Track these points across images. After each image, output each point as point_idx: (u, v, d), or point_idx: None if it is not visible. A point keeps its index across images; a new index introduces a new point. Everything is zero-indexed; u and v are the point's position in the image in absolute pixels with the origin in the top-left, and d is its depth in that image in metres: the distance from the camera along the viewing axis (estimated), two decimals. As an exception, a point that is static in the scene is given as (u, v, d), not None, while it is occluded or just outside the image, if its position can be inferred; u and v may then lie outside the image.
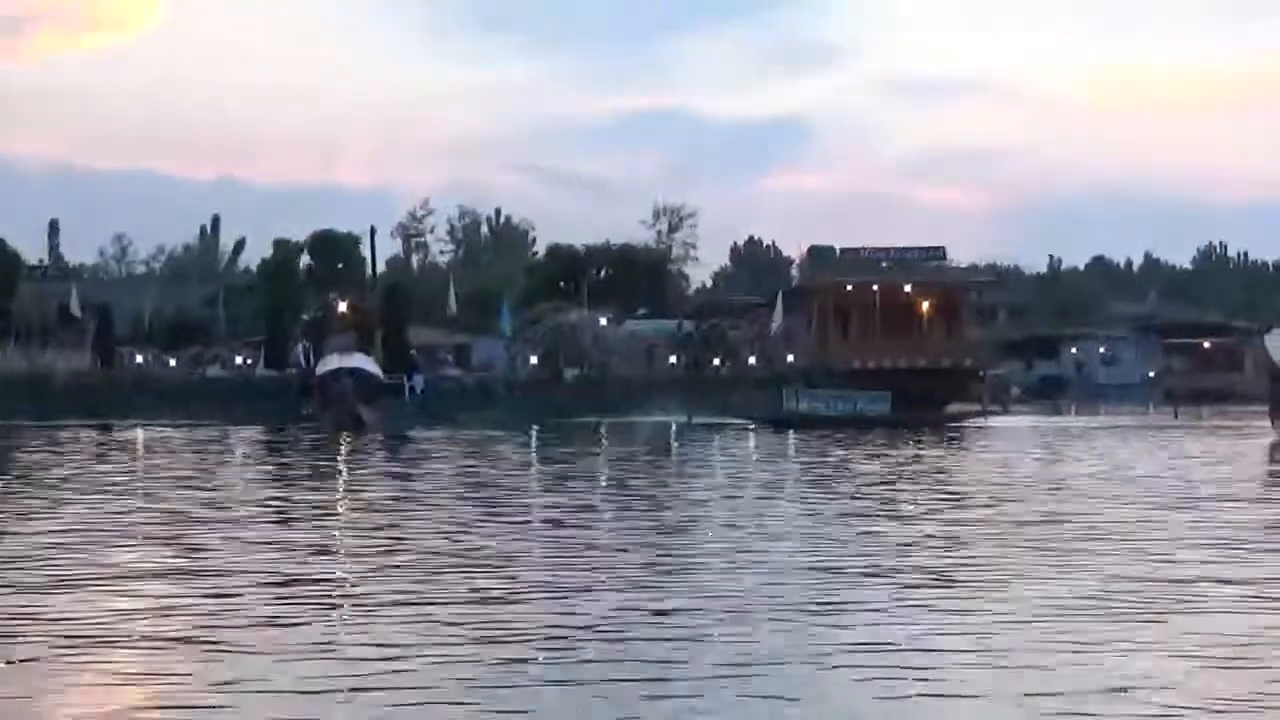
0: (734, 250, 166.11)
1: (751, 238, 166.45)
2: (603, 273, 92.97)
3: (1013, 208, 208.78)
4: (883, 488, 26.52)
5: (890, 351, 74.24)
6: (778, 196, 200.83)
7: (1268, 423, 41.61)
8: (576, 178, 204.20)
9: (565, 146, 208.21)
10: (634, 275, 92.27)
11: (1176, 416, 70.10)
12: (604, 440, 48.12)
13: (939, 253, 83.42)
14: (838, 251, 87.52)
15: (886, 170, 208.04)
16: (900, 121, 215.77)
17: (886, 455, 37.40)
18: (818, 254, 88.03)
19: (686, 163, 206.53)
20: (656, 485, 27.41)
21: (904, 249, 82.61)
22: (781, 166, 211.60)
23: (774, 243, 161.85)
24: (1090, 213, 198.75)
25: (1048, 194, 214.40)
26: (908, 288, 77.23)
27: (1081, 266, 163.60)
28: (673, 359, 76.35)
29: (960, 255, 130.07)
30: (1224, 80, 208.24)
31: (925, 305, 77.33)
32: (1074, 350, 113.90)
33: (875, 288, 76.47)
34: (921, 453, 38.72)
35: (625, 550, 16.80)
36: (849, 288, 77.06)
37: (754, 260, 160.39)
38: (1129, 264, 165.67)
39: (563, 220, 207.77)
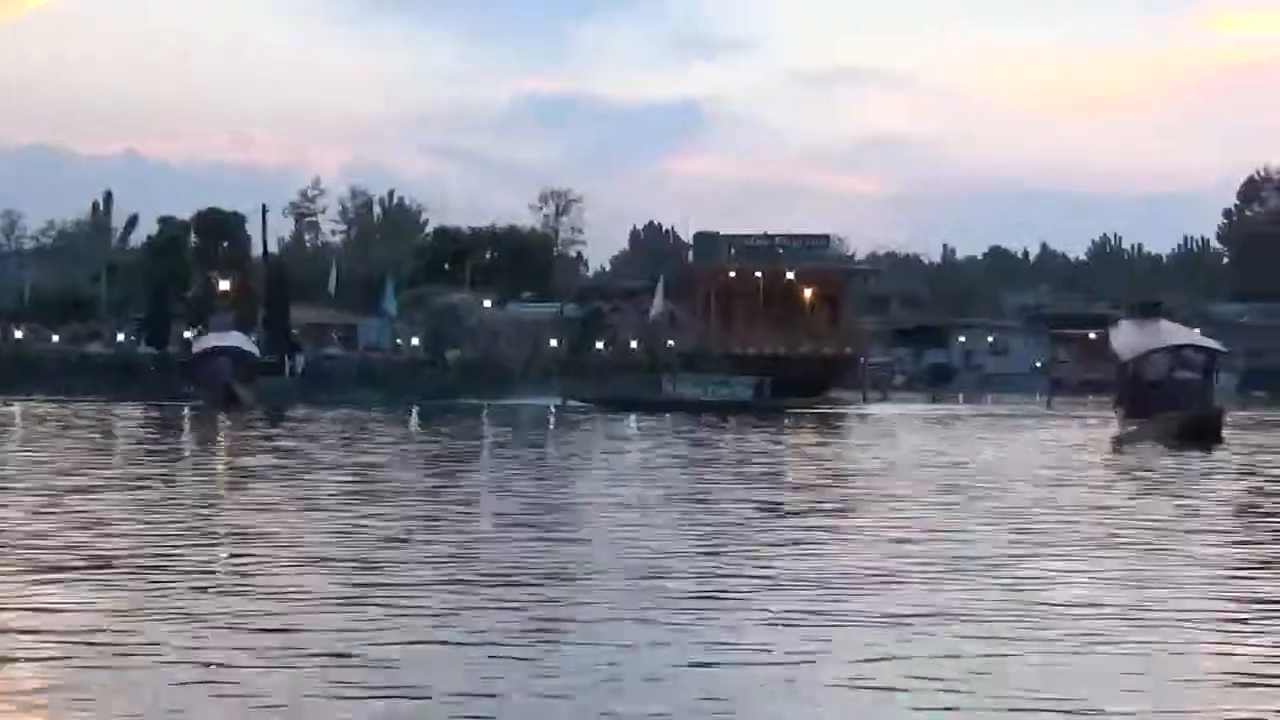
0: (634, 235, 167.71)
1: (651, 222, 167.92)
2: (489, 255, 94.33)
3: (912, 197, 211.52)
4: (678, 474, 27.85)
5: (772, 338, 76.00)
6: (679, 182, 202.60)
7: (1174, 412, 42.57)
8: (480, 160, 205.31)
9: (469, 129, 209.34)
10: (520, 258, 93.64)
11: (1050, 406, 71.96)
12: (484, 422, 49.51)
13: (823, 241, 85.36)
14: (722, 237, 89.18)
15: (788, 158, 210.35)
16: (802, 109, 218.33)
17: (714, 441, 38.99)
18: (703, 240, 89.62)
19: (589, 147, 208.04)
20: (482, 470, 28.69)
21: (789, 236, 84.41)
22: (683, 152, 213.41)
23: (672, 228, 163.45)
24: (989, 203, 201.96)
25: (948, 184, 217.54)
26: (790, 275, 79.01)
27: (979, 256, 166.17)
28: (554, 342, 77.72)
29: (859, 244, 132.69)
30: (1122, 74, 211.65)
31: (808, 292, 79.16)
32: (962, 340, 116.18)
33: (758, 274, 78.22)
34: (756, 438, 40.00)
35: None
36: (732, 274, 78.79)
37: (653, 245, 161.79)
38: (1025, 254, 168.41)
39: (465, 203, 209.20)
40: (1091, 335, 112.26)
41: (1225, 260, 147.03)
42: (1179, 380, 42.07)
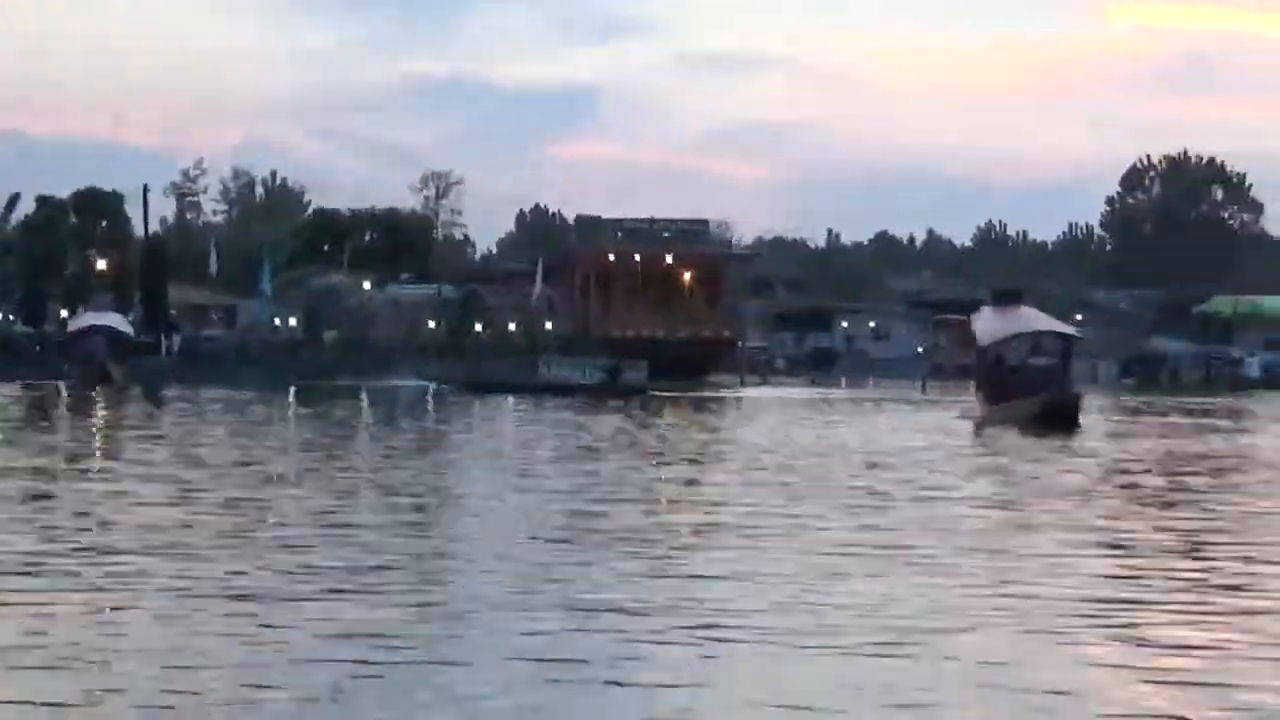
0: (520, 217, 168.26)
1: (537, 205, 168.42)
2: (368, 237, 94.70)
3: (800, 182, 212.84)
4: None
5: (651, 321, 76.89)
6: (567, 165, 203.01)
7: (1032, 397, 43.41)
8: (367, 143, 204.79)
9: (357, 111, 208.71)
10: (399, 240, 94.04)
11: (924, 391, 73.11)
12: (362, 404, 50.07)
13: (702, 225, 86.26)
14: (604, 221, 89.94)
15: (676, 142, 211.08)
16: (693, 94, 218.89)
17: (556, 423, 39.94)
18: (584, 224, 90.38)
19: (477, 130, 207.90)
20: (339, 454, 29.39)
21: (669, 221, 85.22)
22: (572, 136, 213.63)
23: (559, 211, 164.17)
24: (876, 189, 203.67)
25: (836, 169, 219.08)
26: (669, 259, 79.91)
27: (866, 241, 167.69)
28: (432, 324, 78.25)
29: (746, 228, 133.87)
30: (1007, 62, 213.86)
31: (687, 276, 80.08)
32: (845, 325, 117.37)
33: (637, 258, 79.08)
34: (606, 421, 40.87)
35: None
36: (611, 257, 79.58)
37: (539, 228, 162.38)
38: (912, 240, 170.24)
39: (352, 185, 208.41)
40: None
41: (1108, 247, 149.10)
42: (1036, 366, 43.20)
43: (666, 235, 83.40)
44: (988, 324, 45.94)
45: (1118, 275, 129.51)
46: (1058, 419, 38.03)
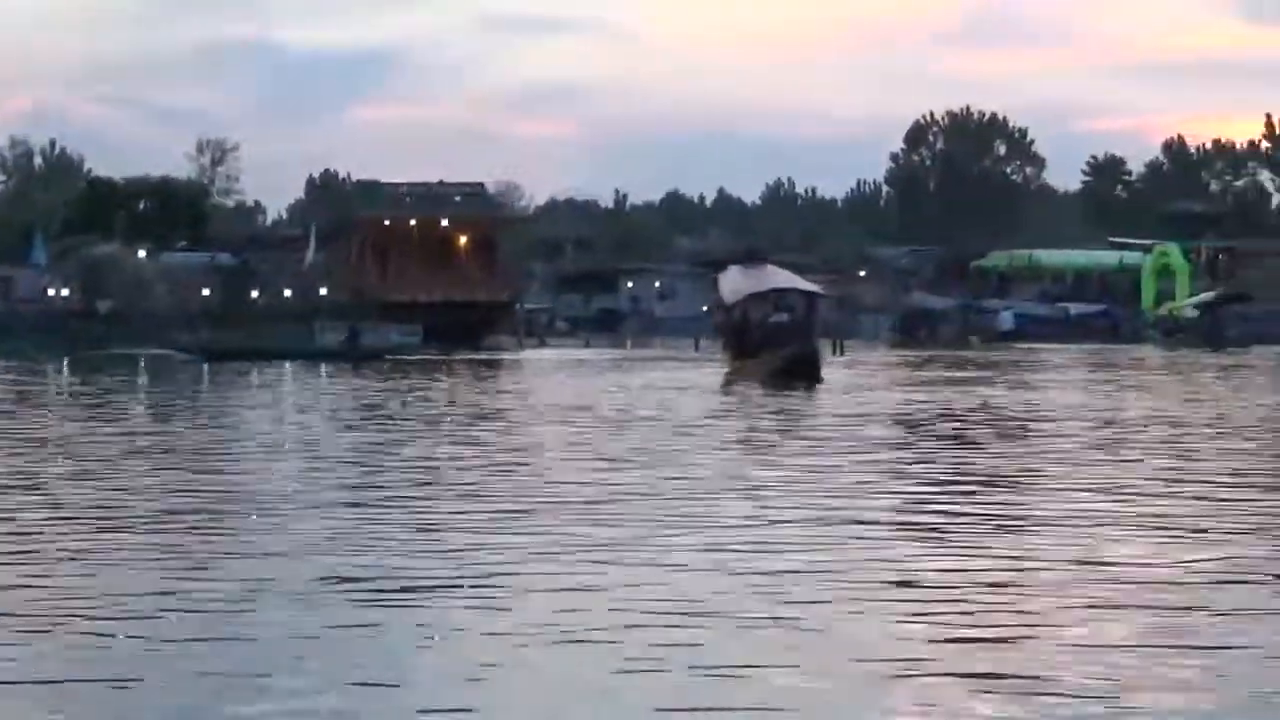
0: (310, 182, 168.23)
1: (327, 170, 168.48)
2: (143, 205, 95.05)
3: (594, 142, 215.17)
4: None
5: (427, 285, 78.13)
6: (363, 129, 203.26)
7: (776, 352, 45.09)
8: (158, 109, 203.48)
9: (148, 77, 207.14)
10: (174, 208, 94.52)
11: (698, 349, 74.89)
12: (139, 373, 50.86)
13: (478, 188, 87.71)
14: (383, 185, 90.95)
15: (478, 103, 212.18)
16: (492, 56, 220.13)
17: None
18: (365, 188, 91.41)
19: (271, 95, 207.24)
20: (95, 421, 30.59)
21: (445, 184, 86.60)
22: (370, 99, 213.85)
23: (349, 175, 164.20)
24: (668, 148, 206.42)
25: (629, 129, 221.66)
26: (445, 222, 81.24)
27: (657, 201, 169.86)
28: (206, 291, 78.93)
29: (540, 189, 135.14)
30: (798, 19, 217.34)
31: (463, 240, 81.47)
32: (630, 285, 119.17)
33: (413, 222, 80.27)
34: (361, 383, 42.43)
35: None
36: (387, 222, 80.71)
37: (329, 193, 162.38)
38: (702, 199, 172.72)
39: (139, 152, 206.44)
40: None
41: (892, 204, 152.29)
42: (779, 323, 45.24)
43: (443, 199, 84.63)
44: (733, 282, 47.98)
45: (902, 231, 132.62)
46: (800, 373, 40.04)
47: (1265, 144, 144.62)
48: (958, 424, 27.30)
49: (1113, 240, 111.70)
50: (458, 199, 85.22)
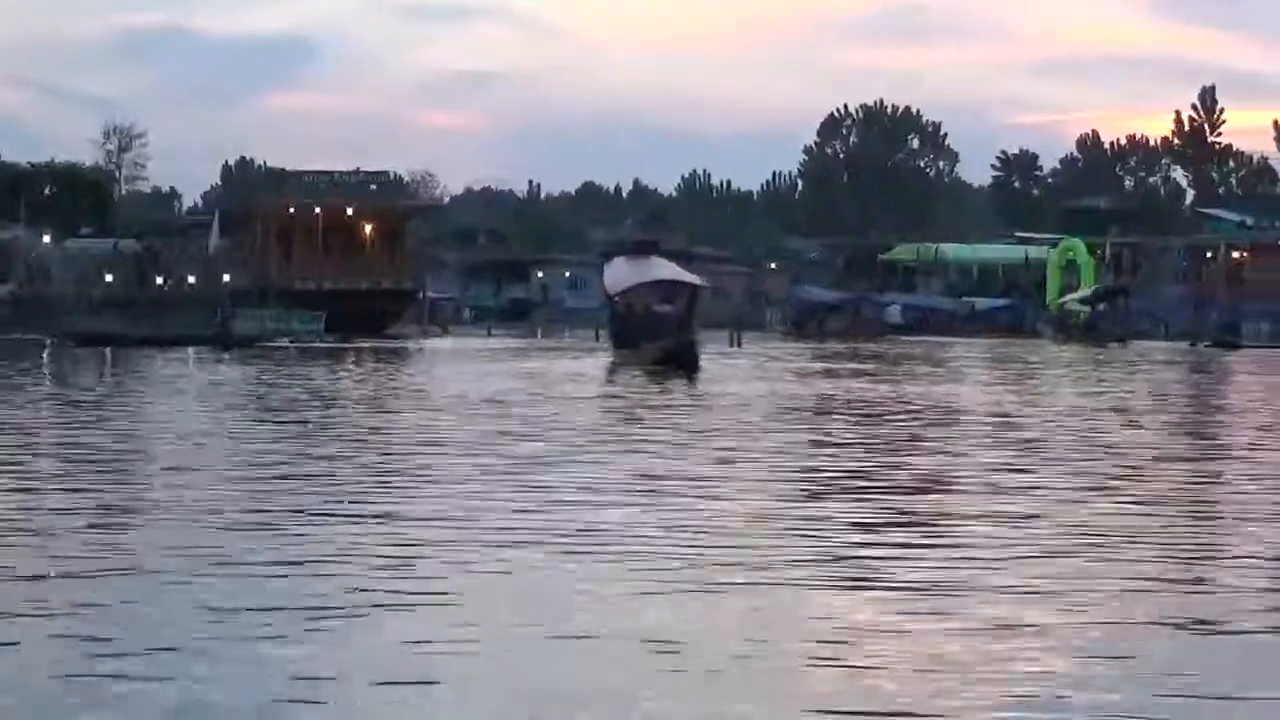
0: (225, 170, 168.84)
1: (243, 158, 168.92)
2: (48, 190, 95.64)
3: (514, 132, 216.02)
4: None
5: (330, 273, 79.06)
6: (279, 116, 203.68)
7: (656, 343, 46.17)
8: (73, 96, 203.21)
9: (65, 64, 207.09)
10: (79, 193, 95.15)
11: (598, 339, 75.91)
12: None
13: (384, 176, 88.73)
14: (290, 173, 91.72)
15: (389, 92, 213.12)
16: (409, 44, 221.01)
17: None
18: (273, 176, 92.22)
19: (186, 80, 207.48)
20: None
21: (350, 172, 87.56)
22: (285, 86, 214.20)
23: (264, 162, 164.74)
24: (585, 138, 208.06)
25: (548, 119, 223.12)
26: (350, 210, 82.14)
27: (573, 191, 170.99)
28: (110, 277, 79.49)
29: (457, 179, 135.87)
30: (717, 9, 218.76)
31: (367, 228, 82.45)
32: (540, 275, 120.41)
33: (318, 210, 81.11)
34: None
35: None
36: (291, 209, 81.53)
37: (245, 181, 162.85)
38: (618, 190, 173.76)
39: (50, 137, 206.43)
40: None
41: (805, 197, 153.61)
42: (661, 313, 46.59)
43: (349, 187, 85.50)
44: (618, 273, 49.34)
45: (814, 224, 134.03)
46: (679, 362, 41.41)
47: (1175, 141, 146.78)
48: (805, 411, 28.66)
49: (1019, 235, 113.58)
50: (364, 187, 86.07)
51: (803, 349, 65.35)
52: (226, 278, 76.48)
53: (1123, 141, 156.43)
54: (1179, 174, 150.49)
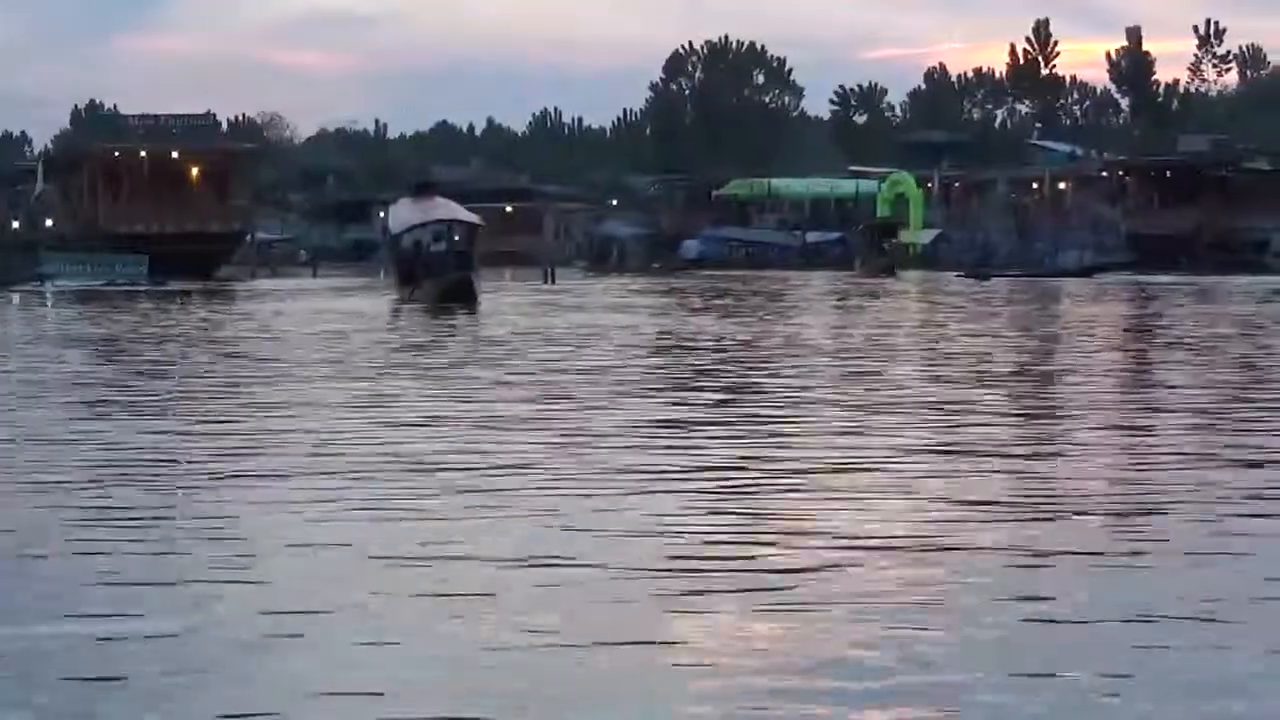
0: (75, 114, 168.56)
1: (93, 101, 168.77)
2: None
3: (370, 73, 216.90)
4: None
5: (158, 217, 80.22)
6: (136, 59, 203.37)
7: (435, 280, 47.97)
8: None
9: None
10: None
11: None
12: None
13: (208, 118, 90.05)
14: (121, 117, 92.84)
15: (247, 34, 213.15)
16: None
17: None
18: (103, 120, 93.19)
19: (42, 22, 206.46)
20: None
21: (179, 116, 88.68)
22: (143, 28, 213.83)
23: (115, 106, 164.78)
24: (441, 79, 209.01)
25: (405, 59, 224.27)
26: (176, 154, 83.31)
27: (427, 131, 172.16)
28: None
29: (310, 121, 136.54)
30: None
31: (195, 171, 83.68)
32: (382, 215, 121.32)
33: (144, 154, 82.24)
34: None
35: None
36: (117, 154, 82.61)
37: (94, 125, 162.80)
38: (472, 129, 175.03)
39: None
40: (508, 209, 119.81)
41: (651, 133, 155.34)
42: (439, 252, 48.56)
43: (177, 130, 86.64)
44: (401, 214, 51.33)
45: (660, 161, 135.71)
46: (457, 297, 43.50)
47: (1009, 74, 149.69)
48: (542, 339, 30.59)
49: (853, 169, 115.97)
50: (194, 130, 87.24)
51: (597, 284, 67.74)
52: (50, 223, 77.52)
53: (970, 75, 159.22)
54: (1024, 107, 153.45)
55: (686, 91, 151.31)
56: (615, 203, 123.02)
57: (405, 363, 24.93)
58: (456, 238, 49.18)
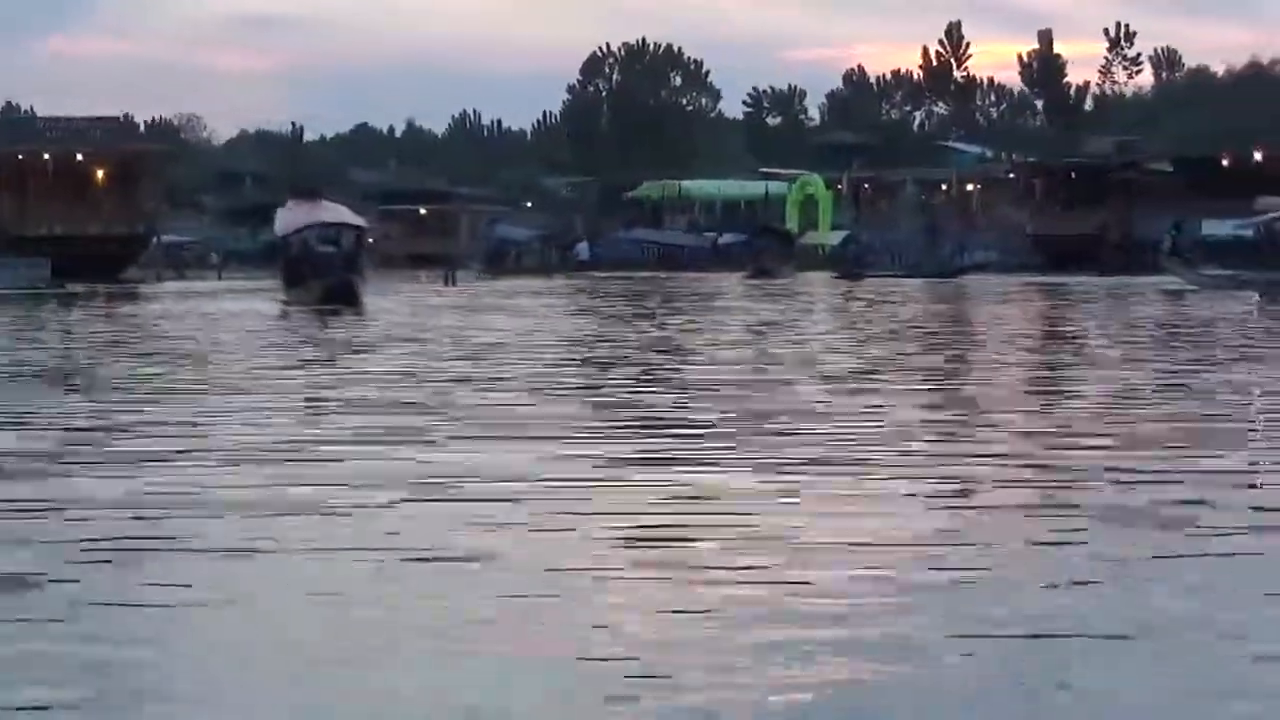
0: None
1: (9, 103, 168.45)
2: None
3: (293, 75, 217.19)
4: None
5: (62, 219, 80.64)
6: (55, 61, 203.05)
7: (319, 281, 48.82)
8: None
9: None
10: None
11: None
12: None
13: (113, 122, 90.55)
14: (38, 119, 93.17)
15: (168, 37, 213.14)
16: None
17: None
18: (8, 123, 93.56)
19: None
20: None
21: (87, 119, 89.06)
22: (69, 31, 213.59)
23: (32, 108, 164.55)
24: (363, 81, 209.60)
25: (326, 61, 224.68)
26: (80, 156, 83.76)
27: (347, 132, 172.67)
28: None
29: (232, 123, 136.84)
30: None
31: (100, 174, 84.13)
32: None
33: (47, 156, 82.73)
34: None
35: None
36: (20, 156, 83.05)
37: (4, 128, 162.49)
38: (391, 131, 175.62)
39: None
40: (423, 211, 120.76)
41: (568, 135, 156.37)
42: (325, 254, 49.27)
43: (85, 133, 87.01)
44: (287, 216, 52.10)
45: (577, 163, 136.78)
46: (341, 299, 44.25)
47: (922, 75, 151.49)
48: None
49: (763, 171, 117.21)
50: (100, 133, 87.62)
51: (488, 286, 68.61)
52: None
53: (888, 77, 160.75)
54: (941, 109, 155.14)
55: (604, 93, 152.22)
56: (530, 205, 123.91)
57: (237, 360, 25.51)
58: (342, 241, 49.91)
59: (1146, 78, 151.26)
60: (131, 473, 11.57)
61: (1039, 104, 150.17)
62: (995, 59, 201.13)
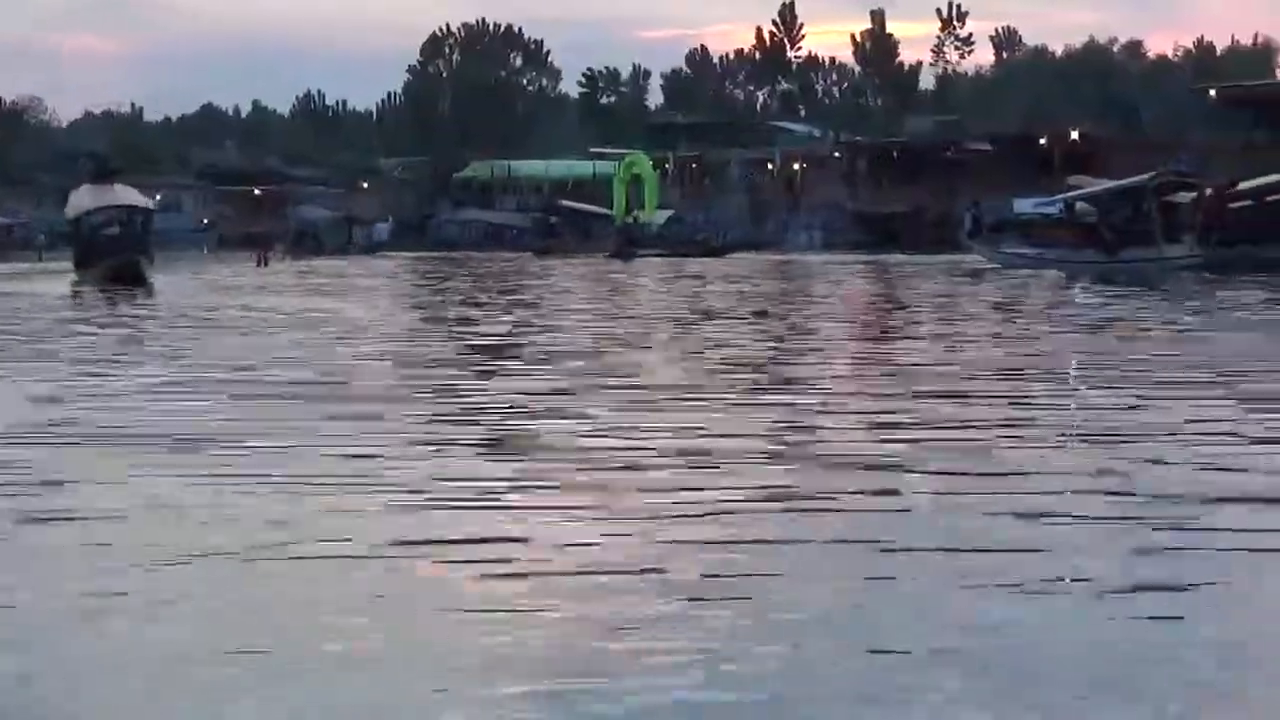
0: None
1: None
2: None
3: (143, 55, 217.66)
4: None
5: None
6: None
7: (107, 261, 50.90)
8: None
9: None
10: None
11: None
12: None
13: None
14: None
15: (18, 16, 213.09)
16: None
17: None
18: None
19: None
20: None
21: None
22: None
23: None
24: (211, 61, 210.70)
25: (178, 42, 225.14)
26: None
27: (193, 113, 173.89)
28: None
29: (74, 105, 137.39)
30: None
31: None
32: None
33: None
34: None
35: None
36: None
37: None
38: (237, 111, 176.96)
39: None
40: (256, 192, 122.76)
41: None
42: (112, 234, 51.82)
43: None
44: (80, 199, 54.57)
45: (417, 144, 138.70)
46: (125, 279, 46.79)
47: (757, 55, 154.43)
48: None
49: (593, 151, 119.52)
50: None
51: (286, 267, 70.97)
52: None
53: (730, 56, 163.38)
54: (782, 88, 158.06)
55: (444, 74, 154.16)
56: (366, 185, 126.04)
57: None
58: (129, 222, 52.34)
59: (987, 56, 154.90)
60: None
61: (876, 83, 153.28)
62: (836, 40, 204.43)
